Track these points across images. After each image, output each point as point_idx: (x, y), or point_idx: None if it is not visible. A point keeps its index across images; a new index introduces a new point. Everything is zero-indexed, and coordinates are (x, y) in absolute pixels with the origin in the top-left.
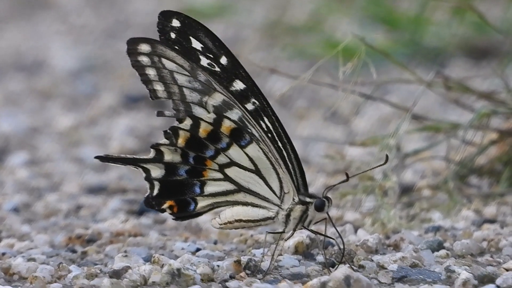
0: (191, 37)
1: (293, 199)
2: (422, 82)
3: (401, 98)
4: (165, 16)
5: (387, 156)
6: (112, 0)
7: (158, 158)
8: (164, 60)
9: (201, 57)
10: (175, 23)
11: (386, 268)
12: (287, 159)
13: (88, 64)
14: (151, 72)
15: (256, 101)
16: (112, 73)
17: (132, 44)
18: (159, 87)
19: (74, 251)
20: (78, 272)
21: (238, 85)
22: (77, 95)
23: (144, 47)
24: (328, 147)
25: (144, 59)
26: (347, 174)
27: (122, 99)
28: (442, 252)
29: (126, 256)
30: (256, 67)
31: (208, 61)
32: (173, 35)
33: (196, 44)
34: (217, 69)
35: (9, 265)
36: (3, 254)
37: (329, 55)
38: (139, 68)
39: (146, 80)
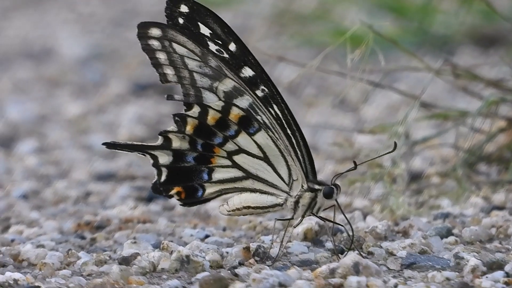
0: (199, 23)
1: (302, 186)
2: (431, 70)
3: (410, 86)
4: (174, 2)
5: (395, 143)
6: None
7: (166, 145)
8: (174, 45)
9: (209, 43)
10: (183, 8)
11: (395, 255)
12: (296, 146)
13: (96, 52)
14: (161, 56)
15: (265, 88)
16: (120, 61)
17: (143, 28)
18: (169, 71)
19: (83, 238)
20: (87, 258)
21: (247, 72)
22: (85, 83)
23: (155, 31)
24: (336, 135)
25: (155, 43)
26: (355, 162)
27: (131, 86)
28: (451, 238)
29: (135, 242)
30: (264, 55)
31: (217, 47)
32: (181, 21)
33: (205, 30)
34: (225, 55)
35: (18, 252)
36: (12, 240)
37: (337, 43)
38: (150, 51)
39: (156, 64)
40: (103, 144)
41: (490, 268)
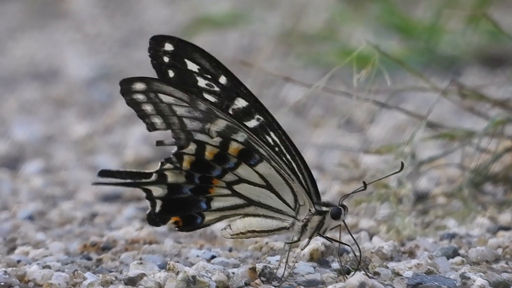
0: (186, 60)
1: (309, 210)
2: (437, 90)
3: (416, 106)
4: (157, 41)
5: (402, 164)
6: (127, 8)
7: (161, 180)
8: (161, 95)
9: (198, 78)
10: (168, 47)
11: (401, 275)
12: (297, 171)
13: (103, 72)
14: (148, 108)
15: (260, 117)
16: None
17: (126, 84)
18: (157, 120)
19: (89, 259)
20: (93, 279)
21: (240, 103)
22: (92, 104)
23: (139, 86)
24: (343, 155)
25: (140, 97)
26: (364, 183)
27: None
28: (457, 259)
29: (141, 263)
30: (271, 75)
31: (206, 81)
32: (166, 59)
33: (192, 66)
34: (216, 89)
35: (24, 273)
36: (18, 261)
37: (344, 63)
38: (135, 105)
39: (143, 115)
40: (94, 184)
41: None
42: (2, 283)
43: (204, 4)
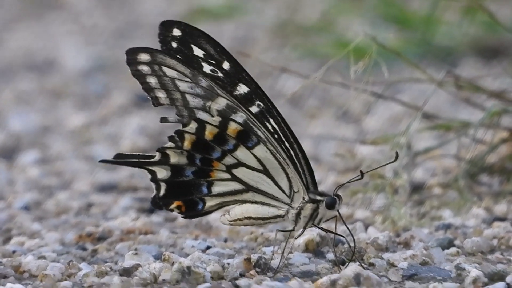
0: (192, 45)
1: (303, 197)
2: (433, 81)
3: (412, 97)
4: (166, 26)
5: (397, 154)
6: (123, 0)
7: (164, 161)
8: (164, 68)
9: (203, 64)
10: (176, 32)
11: (396, 266)
12: (294, 159)
13: (99, 63)
14: (152, 80)
15: (260, 103)
16: (122, 72)
17: (132, 54)
18: (161, 94)
19: (84, 249)
20: (88, 270)
21: (242, 88)
22: (88, 95)
23: (144, 56)
24: (339, 146)
25: (144, 68)
26: (361, 172)
27: (133, 98)
28: (453, 249)
29: (136, 254)
30: (267, 66)
31: (211, 67)
32: (174, 44)
33: (198, 52)
34: (220, 74)
35: (19, 263)
36: (14, 252)
37: (340, 54)
38: (140, 77)
39: (148, 88)
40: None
41: (492, 279)
42: None
43: None
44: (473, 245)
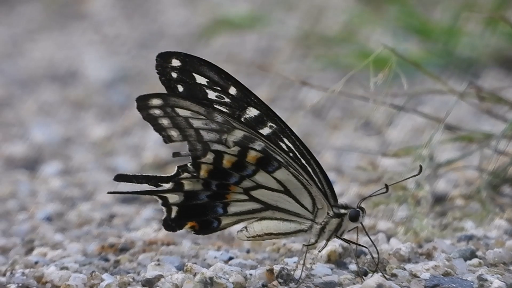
0: (194, 74)
1: (328, 213)
2: (455, 93)
3: (434, 109)
4: (163, 58)
5: (421, 167)
6: (145, 10)
7: (178, 188)
8: (178, 109)
9: (208, 91)
10: (175, 62)
11: (418, 277)
12: (313, 175)
13: (121, 74)
14: (164, 122)
15: (273, 124)
16: (145, 83)
17: (143, 100)
18: (173, 132)
19: (107, 260)
20: (111, 280)
21: (252, 112)
22: (111, 105)
23: (156, 101)
24: (361, 158)
25: (157, 112)
26: (386, 185)
27: None
28: (475, 260)
29: (158, 264)
30: (288, 79)
31: (216, 93)
32: (174, 75)
33: (201, 79)
34: (226, 100)
35: (42, 274)
36: (36, 262)
37: (361, 66)
38: (151, 119)
39: (160, 129)
40: (109, 193)
41: None
42: (20, 285)
43: (223, 5)
44: (495, 256)
